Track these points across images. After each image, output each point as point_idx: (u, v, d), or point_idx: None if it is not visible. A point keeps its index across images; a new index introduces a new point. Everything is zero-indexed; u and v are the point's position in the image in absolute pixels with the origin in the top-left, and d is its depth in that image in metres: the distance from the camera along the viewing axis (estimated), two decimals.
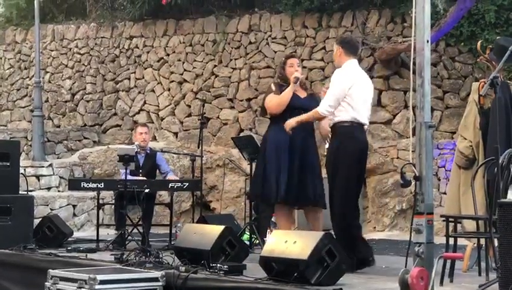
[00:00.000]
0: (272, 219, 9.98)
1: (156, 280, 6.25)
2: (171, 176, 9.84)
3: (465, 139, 7.26)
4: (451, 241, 6.33)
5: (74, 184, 9.64)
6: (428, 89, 4.52)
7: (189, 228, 7.44)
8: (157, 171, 9.99)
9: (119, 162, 8.96)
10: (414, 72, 4.51)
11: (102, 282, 6.05)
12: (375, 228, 12.69)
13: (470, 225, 6.96)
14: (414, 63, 4.67)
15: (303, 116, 7.26)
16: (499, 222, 4.87)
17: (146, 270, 6.52)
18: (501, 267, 4.74)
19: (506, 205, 4.83)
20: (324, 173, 7.44)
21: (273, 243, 6.16)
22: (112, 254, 7.76)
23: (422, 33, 4.50)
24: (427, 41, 4.47)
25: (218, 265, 6.35)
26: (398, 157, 12.83)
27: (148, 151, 9.88)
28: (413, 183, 4.65)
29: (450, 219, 6.35)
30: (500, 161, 5.62)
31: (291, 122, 7.27)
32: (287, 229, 7.45)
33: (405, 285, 4.32)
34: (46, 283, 6.42)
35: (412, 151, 12.00)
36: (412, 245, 4.54)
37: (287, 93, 7.58)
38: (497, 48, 7.00)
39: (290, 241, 5.96)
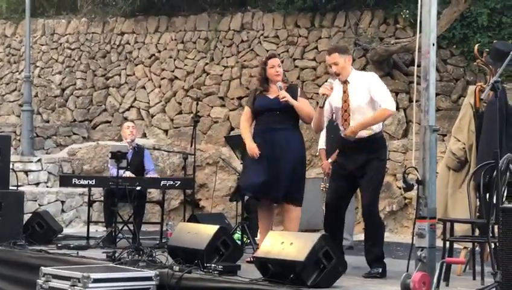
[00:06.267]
0: None
1: (149, 279, 6.21)
2: (152, 174, 9.74)
3: (459, 141, 7.26)
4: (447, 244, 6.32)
5: (65, 181, 9.54)
6: (433, 92, 4.50)
7: (183, 227, 7.39)
8: None
9: (111, 159, 8.88)
10: (411, 74, 4.47)
11: (96, 280, 6.00)
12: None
13: (460, 228, 6.94)
14: (418, 65, 4.60)
15: (367, 120, 6.51)
16: (501, 227, 4.84)
17: (139, 269, 6.46)
18: (502, 273, 4.71)
19: (509, 210, 4.81)
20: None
21: (269, 244, 6.11)
22: (103, 252, 7.70)
23: (428, 36, 4.46)
24: (433, 44, 4.44)
25: (213, 265, 6.31)
26: (389, 159, 12.81)
27: (136, 148, 9.80)
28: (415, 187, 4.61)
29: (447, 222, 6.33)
30: (499, 165, 5.61)
31: (353, 130, 6.52)
32: (263, 226, 7.30)
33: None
34: (38, 281, 6.35)
35: (403, 152, 11.95)
36: (414, 249, 4.51)
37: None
38: (494, 52, 7.00)
39: (286, 243, 5.92)
